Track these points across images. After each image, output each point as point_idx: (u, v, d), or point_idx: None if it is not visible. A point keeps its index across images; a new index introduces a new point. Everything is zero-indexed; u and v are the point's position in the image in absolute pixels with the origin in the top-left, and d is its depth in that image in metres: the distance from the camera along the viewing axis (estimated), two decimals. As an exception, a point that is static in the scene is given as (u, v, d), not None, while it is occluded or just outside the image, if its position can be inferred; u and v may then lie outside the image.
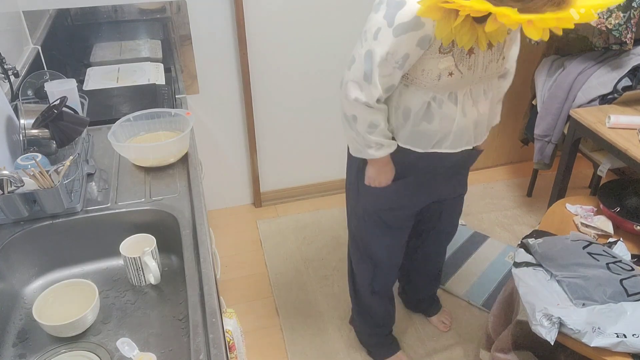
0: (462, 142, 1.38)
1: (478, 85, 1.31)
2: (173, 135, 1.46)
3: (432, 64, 1.22)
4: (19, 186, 1.13)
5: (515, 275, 1.51)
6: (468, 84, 1.29)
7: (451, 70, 1.23)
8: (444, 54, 1.21)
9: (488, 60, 1.27)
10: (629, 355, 1.31)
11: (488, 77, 1.31)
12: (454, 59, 1.22)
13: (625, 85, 1.98)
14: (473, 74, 1.26)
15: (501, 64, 1.32)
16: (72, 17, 1.99)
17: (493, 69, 1.30)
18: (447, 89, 1.27)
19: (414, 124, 1.34)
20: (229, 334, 1.32)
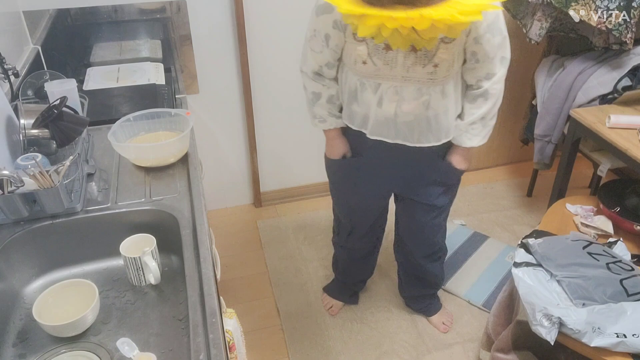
0: (380, 132, 1.44)
1: (408, 85, 1.32)
2: (173, 135, 1.46)
3: (351, 48, 1.33)
4: (19, 186, 1.13)
5: (515, 275, 1.51)
6: (389, 78, 1.32)
7: (364, 59, 1.31)
8: (358, 42, 1.30)
9: (411, 62, 1.28)
10: (629, 355, 1.31)
11: (416, 79, 1.30)
12: (368, 49, 1.29)
13: (625, 85, 1.98)
14: (391, 70, 1.30)
15: (431, 71, 1.29)
16: (72, 17, 1.99)
17: (420, 73, 1.29)
18: (367, 76, 1.34)
19: (348, 102, 1.47)
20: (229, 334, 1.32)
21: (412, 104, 1.35)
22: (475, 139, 1.49)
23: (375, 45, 1.26)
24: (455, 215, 2.60)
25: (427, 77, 1.30)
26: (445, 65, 1.29)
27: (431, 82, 1.31)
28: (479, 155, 2.92)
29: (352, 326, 2.01)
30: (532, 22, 2.10)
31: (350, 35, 1.30)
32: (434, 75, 1.30)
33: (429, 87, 1.33)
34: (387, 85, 1.34)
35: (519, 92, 2.74)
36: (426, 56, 1.26)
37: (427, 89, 1.33)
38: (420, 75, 1.29)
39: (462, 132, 1.48)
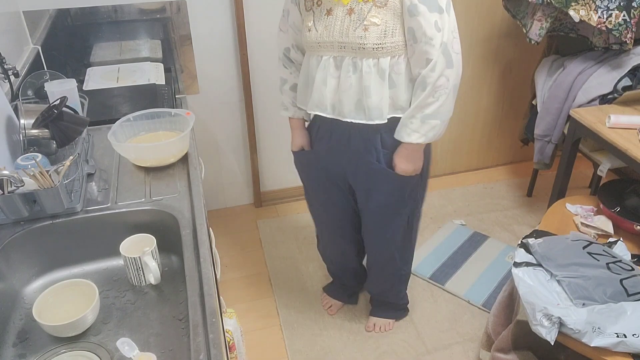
0: (318, 104, 1.46)
1: (344, 55, 1.37)
2: (173, 135, 1.46)
3: (304, 20, 1.44)
4: (19, 186, 1.13)
5: (515, 275, 1.51)
6: (328, 47, 1.38)
7: (309, 26, 1.40)
8: (307, 11, 1.42)
9: (346, 25, 1.34)
10: (629, 355, 1.31)
11: (350, 47, 1.34)
12: (314, 16, 1.40)
13: (625, 85, 1.98)
14: (329, 35, 1.36)
15: (361, 34, 1.31)
16: (72, 17, 1.99)
17: (351, 37, 1.33)
18: (312, 48, 1.42)
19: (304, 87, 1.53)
20: (229, 334, 1.32)
21: (346, 84, 1.38)
22: (413, 135, 1.40)
23: (320, 11, 1.38)
24: (455, 215, 2.60)
25: (358, 43, 1.32)
26: (376, 32, 1.30)
27: (362, 50, 1.32)
28: (479, 155, 2.92)
29: (352, 326, 2.01)
30: (532, 22, 2.10)
31: (302, 6, 1.43)
32: (362, 40, 1.31)
33: (362, 58, 1.34)
34: (327, 57, 1.39)
35: (519, 92, 2.74)
36: (358, 18, 1.31)
37: (360, 60, 1.35)
38: (352, 40, 1.32)
39: (402, 127, 1.42)
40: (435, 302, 2.11)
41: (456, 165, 2.91)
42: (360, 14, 1.32)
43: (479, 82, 2.65)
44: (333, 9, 1.36)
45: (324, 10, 1.38)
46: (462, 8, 2.41)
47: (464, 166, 2.93)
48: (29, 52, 1.88)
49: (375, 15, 1.30)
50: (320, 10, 1.39)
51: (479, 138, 2.85)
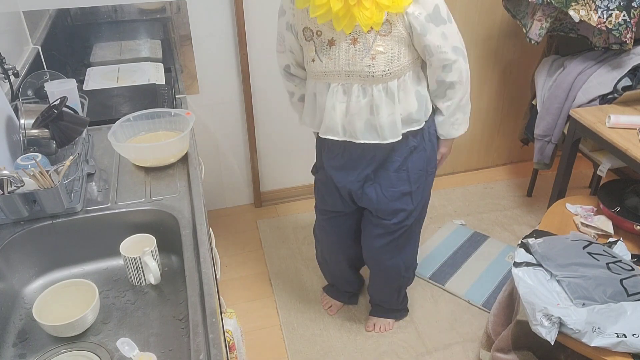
0: (330, 130, 1.50)
1: (352, 82, 1.40)
2: (173, 135, 1.46)
3: (305, 50, 1.45)
4: (19, 186, 1.13)
5: (515, 275, 1.51)
6: (335, 75, 1.41)
7: (312, 56, 1.42)
8: (307, 41, 1.42)
9: (351, 55, 1.36)
10: (629, 355, 1.31)
11: (358, 74, 1.38)
12: (315, 47, 1.40)
13: (625, 85, 1.98)
14: (335, 65, 1.39)
15: (369, 63, 1.35)
16: (72, 17, 1.99)
17: (359, 66, 1.36)
18: (319, 77, 1.44)
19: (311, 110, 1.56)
20: (229, 334, 1.32)
21: (356, 107, 1.42)
22: (461, 128, 1.56)
23: (321, 42, 1.38)
24: (455, 215, 2.60)
25: (366, 72, 1.36)
26: (383, 60, 1.35)
27: (371, 77, 1.37)
28: (479, 155, 2.92)
29: (352, 326, 2.01)
30: (532, 22, 2.10)
31: (301, 36, 1.42)
32: (371, 69, 1.35)
33: (371, 84, 1.39)
34: (335, 85, 1.42)
35: (519, 92, 2.74)
36: (364, 48, 1.35)
37: (369, 87, 1.39)
38: (360, 69, 1.36)
39: (448, 126, 1.55)
40: (435, 302, 2.11)
41: (456, 165, 2.91)
42: (365, 44, 1.34)
43: (479, 82, 2.65)
44: (335, 39, 1.36)
45: (325, 41, 1.38)
46: (462, 8, 2.41)
47: (464, 166, 2.93)
48: (29, 52, 1.88)
49: (380, 43, 1.34)
50: (321, 41, 1.39)
51: (479, 138, 2.85)
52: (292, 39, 1.47)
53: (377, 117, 1.43)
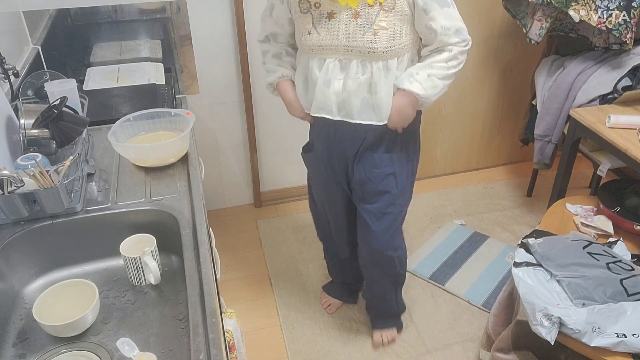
0: (323, 107, 1.45)
1: (351, 58, 1.36)
2: (173, 135, 1.46)
3: (299, 23, 1.40)
4: (19, 186, 1.13)
5: (515, 275, 1.51)
6: (332, 50, 1.36)
7: (309, 29, 1.37)
8: (303, 13, 1.37)
9: (352, 29, 1.32)
10: (629, 355, 1.31)
11: (358, 50, 1.33)
12: (312, 19, 1.36)
13: (625, 85, 1.98)
14: (334, 39, 1.34)
15: (370, 39, 1.32)
16: (72, 17, 1.99)
17: (360, 41, 1.32)
18: (313, 51, 1.39)
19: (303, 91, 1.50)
20: (229, 334, 1.32)
21: (354, 84, 1.38)
22: (415, 84, 1.39)
23: (319, 14, 1.34)
24: (455, 215, 2.60)
25: (367, 47, 1.32)
26: (385, 36, 1.31)
27: (372, 54, 1.33)
28: (479, 155, 2.92)
29: (352, 326, 2.01)
30: (532, 22, 2.10)
31: (295, 8, 1.39)
32: (373, 45, 1.32)
33: (371, 61, 1.35)
34: (332, 60, 1.38)
35: (519, 92, 2.74)
36: (366, 23, 1.31)
37: (369, 63, 1.35)
38: (361, 44, 1.32)
39: (406, 75, 1.41)
40: (435, 302, 2.11)
41: (456, 165, 2.91)
42: (368, 18, 1.31)
43: (479, 82, 2.65)
44: (336, 12, 1.33)
45: (324, 13, 1.35)
46: (462, 8, 2.39)
47: (464, 166, 2.93)
48: (29, 52, 1.88)
49: (383, 19, 1.31)
50: (319, 13, 1.36)
51: (479, 138, 2.85)
52: (283, 10, 1.44)
53: (375, 96, 1.40)
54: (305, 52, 1.44)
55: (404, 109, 1.45)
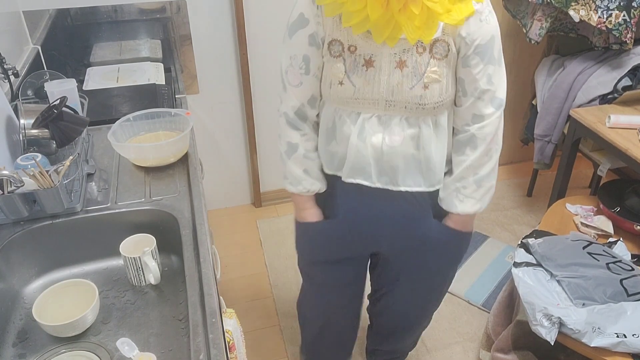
0: (359, 172, 1.15)
1: (392, 113, 1.08)
2: (173, 135, 1.46)
3: (327, 68, 1.10)
4: (19, 186, 1.13)
5: (515, 275, 1.51)
6: (370, 104, 1.08)
7: (341, 78, 1.08)
8: (334, 57, 1.08)
9: (397, 82, 1.05)
10: (629, 355, 1.31)
11: (402, 105, 1.06)
12: (345, 65, 1.07)
13: (625, 85, 1.98)
14: (373, 92, 1.06)
15: (420, 94, 1.05)
16: (72, 17, 1.99)
17: (406, 97, 1.05)
18: (343, 103, 1.10)
19: (325, 143, 1.20)
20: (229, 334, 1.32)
21: (399, 136, 1.10)
22: (468, 202, 1.17)
23: (354, 60, 1.06)
24: (455, 215, 2.60)
25: (416, 103, 1.06)
26: (437, 89, 1.05)
27: (421, 109, 1.07)
28: (479, 155, 2.91)
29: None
30: (532, 22, 2.10)
31: (325, 50, 1.09)
32: (423, 100, 1.05)
33: (417, 117, 1.08)
34: (368, 115, 1.10)
35: (519, 92, 2.74)
36: (414, 74, 1.04)
37: (415, 120, 1.09)
38: (407, 99, 1.05)
39: (452, 192, 1.18)
40: (435, 302, 2.11)
41: (456, 165, 2.91)
42: (417, 69, 1.04)
43: (479, 82, 2.65)
44: (375, 59, 1.04)
45: (360, 59, 1.05)
46: (462, 8, 2.41)
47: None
48: (29, 52, 1.88)
49: (435, 69, 1.04)
50: (354, 59, 1.06)
51: (479, 138, 2.85)
52: (318, 55, 1.11)
53: (423, 152, 1.11)
54: (332, 102, 1.14)
55: (463, 230, 1.24)
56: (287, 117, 1.18)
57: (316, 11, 1.06)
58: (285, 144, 1.21)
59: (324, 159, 1.23)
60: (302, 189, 1.24)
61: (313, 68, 1.11)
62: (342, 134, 1.14)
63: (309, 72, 1.12)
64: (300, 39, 1.09)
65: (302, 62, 1.11)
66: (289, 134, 1.20)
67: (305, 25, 1.08)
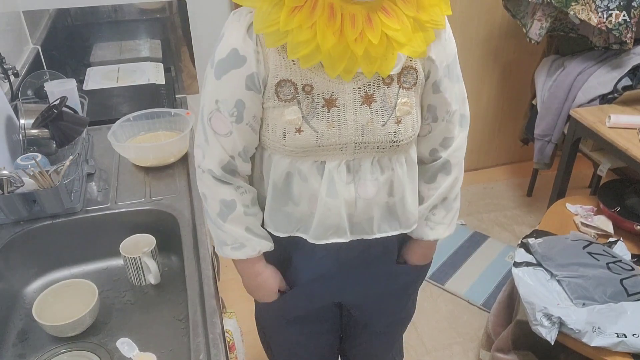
0: (330, 232, 0.99)
1: (362, 156, 0.93)
2: (173, 135, 1.46)
3: (275, 115, 0.90)
4: (18, 186, 1.13)
5: (515, 275, 1.51)
6: (337, 150, 0.91)
7: (298, 124, 0.89)
8: (284, 102, 0.88)
9: (367, 120, 0.90)
10: (629, 355, 1.31)
11: (374, 146, 0.92)
12: (301, 110, 0.88)
13: (626, 85, 1.98)
14: (339, 135, 0.90)
15: (394, 130, 0.91)
16: (72, 17, 1.99)
17: (379, 135, 0.91)
18: (303, 153, 0.92)
19: (274, 205, 1.00)
20: (229, 334, 1.32)
21: (373, 186, 0.96)
22: (439, 228, 1.09)
23: (311, 102, 0.88)
24: (455, 215, 2.60)
25: (389, 141, 0.92)
26: (410, 122, 0.93)
27: (395, 148, 0.93)
28: (479, 155, 2.92)
29: (352, 326, 2.01)
30: (532, 22, 2.10)
31: (271, 95, 0.89)
32: (397, 137, 0.92)
33: (390, 157, 0.95)
34: (334, 164, 0.93)
35: (519, 92, 2.74)
36: (384, 109, 0.90)
37: (388, 160, 0.95)
38: (380, 138, 0.91)
39: (422, 221, 1.09)
40: (435, 302, 2.11)
41: (456, 165, 2.91)
42: (386, 102, 0.90)
43: (479, 82, 2.65)
44: (337, 97, 0.88)
45: (319, 100, 0.88)
46: (462, 8, 2.41)
47: (464, 166, 2.93)
48: (28, 52, 1.88)
49: (405, 99, 0.92)
50: (311, 101, 0.88)
51: (479, 138, 2.85)
52: (258, 101, 0.91)
53: (397, 198, 0.99)
54: (285, 155, 0.93)
55: (428, 253, 1.15)
56: (213, 174, 0.96)
57: (255, 47, 0.86)
58: (217, 205, 0.98)
59: (275, 221, 1.02)
60: (250, 252, 1.02)
61: (247, 116, 0.91)
62: (303, 192, 0.96)
63: (241, 120, 0.91)
64: (233, 81, 0.88)
65: (233, 108, 0.90)
66: (220, 192, 0.97)
67: (241, 65, 0.87)
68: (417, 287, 1.25)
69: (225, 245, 1.02)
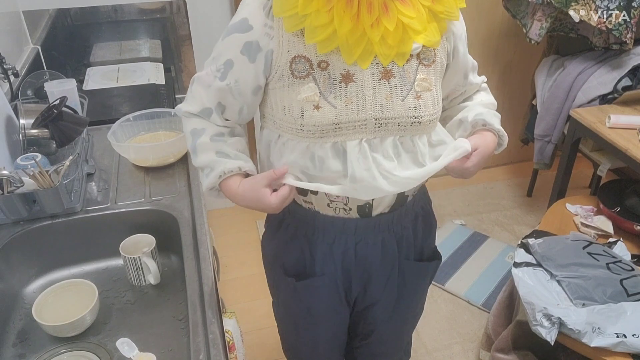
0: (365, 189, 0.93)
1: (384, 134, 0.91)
2: (173, 135, 1.46)
3: (291, 95, 0.89)
4: (18, 186, 1.13)
5: (515, 275, 1.51)
6: (356, 128, 0.89)
7: (316, 101, 0.88)
8: (299, 78, 0.88)
9: (385, 95, 0.88)
10: (629, 355, 1.31)
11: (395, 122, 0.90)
12: (318, 86, 0.88)
13: (626, 85, 1.98)
14: (358, 111, 0.88)
15: (414, 105, 0.90)
16: (72, 17, 1.99)
17: (399, 110, 0.89)
18: (321, 134, 0.89)
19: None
20: (229, 334, 1.32)
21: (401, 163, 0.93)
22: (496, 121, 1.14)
23: (327, 77, 0.88)
24: (455, 215, 2.60)
25: (410, 117, 0.90)
26: (430, 98, 0.92)
27: (417, 125, 0.91)
28: (479, 155, 2.91)
29: (352, 326, 2.01)
30: (532, 22, 2.10)
31: (283, 72, 0.89)
32: (418, 112, 0.90)
33: (413, 136, 0.92)
34: (355, 143, 0.90)
35: (519, 92, 2.74)
36: (404, 83, 0.89)
37: (410, 140, 0.93)
38: (400, 114, 0.89)
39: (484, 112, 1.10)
40: (435, 302, 2.11)
41: (456, 165, 2.91)
42: (405, 77, 0.89)
43: (479, 82, 2.65)
44: (354, 72, 0.87)
45: (336, 75, 0.87)
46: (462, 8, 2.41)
47: (464, 166, 2.93)
48: (28, 52, 1.88)
49: (424, 76, 0.91)
50: (328, 77, 0.87)
51: (479, 138, 2.85)
52: (251, 73, 0.91)
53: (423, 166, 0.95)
54: (304, 137, 0.92)
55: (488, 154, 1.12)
56: (189, 112, 0.99)
57: (266, 20, 0.87)
58: (189, 133, 0.99)
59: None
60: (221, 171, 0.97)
61: (230, 78, 0.92)
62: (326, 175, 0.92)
63: (224, 78, 0.92)
64: (232, 42, 0.90)
65: (222, 65, 0.92)
66: (192, 122, 0.99)
67: (245, 31, 0.89)
68: (427, 286, 1.28)
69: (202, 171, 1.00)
